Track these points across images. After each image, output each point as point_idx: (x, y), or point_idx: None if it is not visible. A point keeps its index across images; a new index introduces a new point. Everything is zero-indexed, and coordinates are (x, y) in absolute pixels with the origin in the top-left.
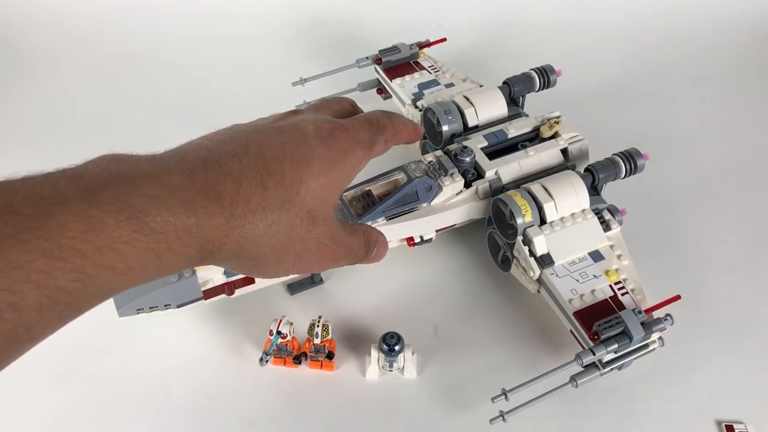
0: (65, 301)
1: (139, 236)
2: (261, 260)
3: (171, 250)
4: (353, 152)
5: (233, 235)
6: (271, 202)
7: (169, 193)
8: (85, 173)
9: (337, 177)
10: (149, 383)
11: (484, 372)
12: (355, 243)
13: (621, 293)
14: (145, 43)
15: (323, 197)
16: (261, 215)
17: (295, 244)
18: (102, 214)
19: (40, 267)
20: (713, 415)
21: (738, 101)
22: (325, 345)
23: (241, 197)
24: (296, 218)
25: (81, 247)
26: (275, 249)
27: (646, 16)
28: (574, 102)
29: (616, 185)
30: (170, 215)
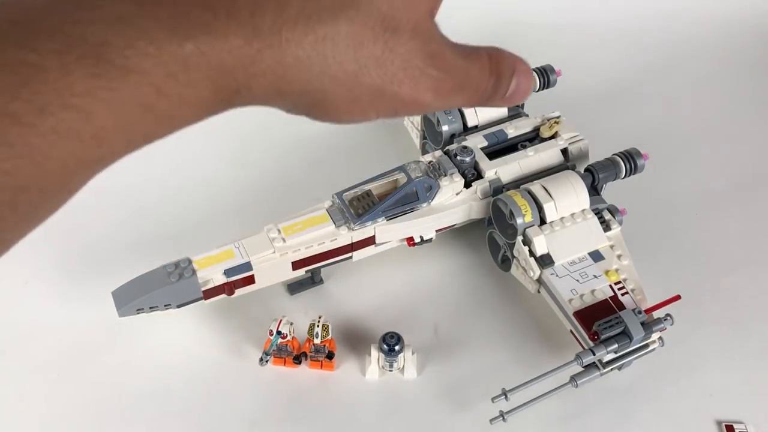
0: (11, 186)
1: (104, 82)
2: (321, 97)
3: (164, 94)
4: None
5: (265, 62)
6: (320, 5)
7: (144, 10)
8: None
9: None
10: (149, 383)
11: (484, 372)
12: (476, 69)
13: (621, 293)
14: None
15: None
16: (305, 27)
17: (370, 71)
18: (39, 57)
19: None
20: (713, 415)
21: (738, 101)
22: (325, 345)
23: (268, 3)
24: (365, 29)
25: (11, 109)
26: (339, 80)
27: (646, 17)
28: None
29: (616, 185)
30: (149, 44)
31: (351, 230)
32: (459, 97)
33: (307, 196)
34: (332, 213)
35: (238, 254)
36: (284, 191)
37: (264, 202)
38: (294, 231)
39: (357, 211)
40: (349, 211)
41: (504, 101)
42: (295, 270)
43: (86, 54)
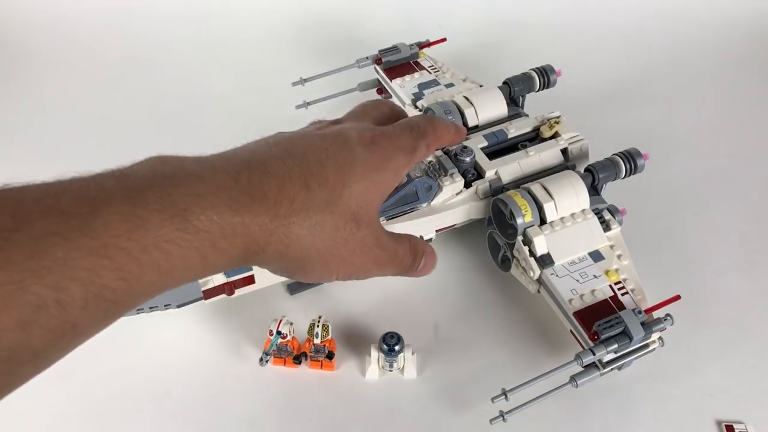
0: (110, 299)
1: (184, 235)
2: (306, 262)
3: (216, 249)
4: (395, 158)
5: (278, 235)
6: (315, 203)
7: (214, 191)
8: (130, 174)
9: (381, 181)
10: (149, 383)
11: (484, 372)
12: (401, 250)
13: (621, 293)
14: (144, 45)
15: (367, 200)
16: (305, 215)
17: (340, 247)
18: (146, 213)
19: (85, 264)
20: (713, 415)
21: (738, 101)
22: (325, 345)
23: (285, 197)
24: (340, 220)
25: (126, 245)
26: (320, 251)
27: (647, 17)
28: (574, 102)
29: (616, 185)
30: (214, 213)
31: None
32: (389, 268)
33: None
34: None
35: None
36: None
37: None
38: None
39: None
40: None
41: (416, 273)
42: None
43: (175, 215)
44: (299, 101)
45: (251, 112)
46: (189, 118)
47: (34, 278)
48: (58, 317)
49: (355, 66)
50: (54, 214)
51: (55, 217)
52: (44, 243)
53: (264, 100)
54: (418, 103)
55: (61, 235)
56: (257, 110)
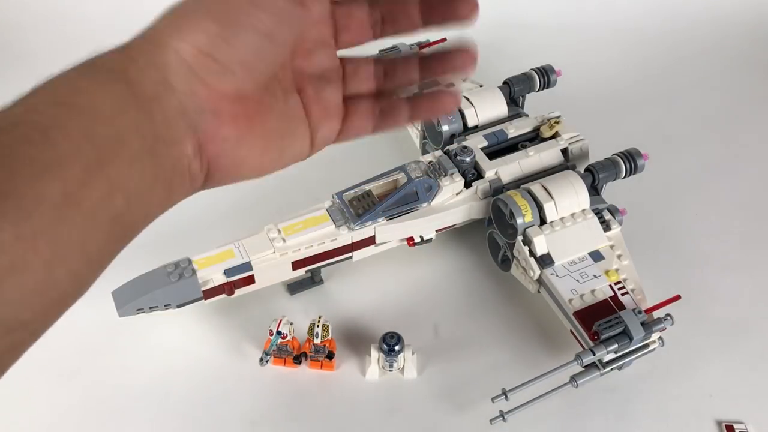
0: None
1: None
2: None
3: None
4: None
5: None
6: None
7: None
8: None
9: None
10: (149, 383)
11: (484, 372)
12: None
13: (621, 293)
14: None
15: None
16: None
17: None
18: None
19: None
20: (713, 415)
21: (738, 101)
22: (325, 345)
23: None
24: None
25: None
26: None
27: (647, 17)
28: (574, 102)
29: (616, 185)
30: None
31: (351, 230)
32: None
33: (307, 196)
34: (332, 213)
35: (238, 254)
36: (284, 191)
37: (264, 202)
38: (294, 231)
39: (357, 211)
40: (349, 211)
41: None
42: (295, 270)
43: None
44: None
45: None
46: None
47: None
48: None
49: None
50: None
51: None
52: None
53: None
54: None
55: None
56: None
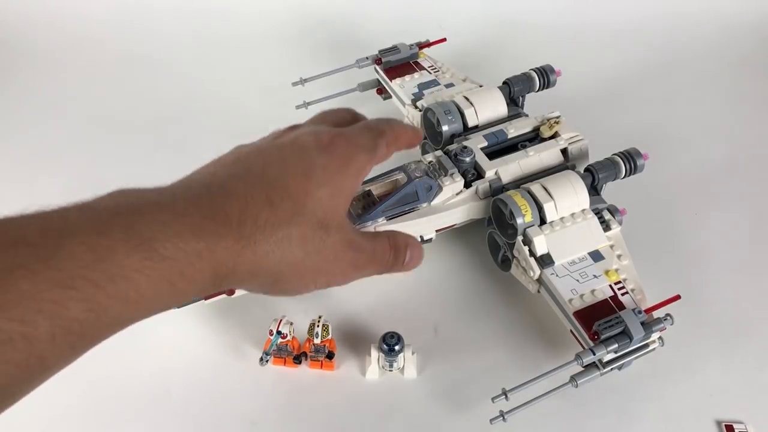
0: (78, 332)
1: (150, 263)
2: (279, 277)
3: (183, 276)
4: (356, 158)
5: (245, 255)
6: (279, 216)
7: (177, 219)
8: (94, 205)
9: (343, 183)
10: (149, 383)
11: (484, 372)
12: (379, 248)
13: (621, 293)
14: (144, 43)
15: (332, 205)
16: (271, 231)
17: (312, 257)
18: (112, 242)
19: (52, 297)
20: (713, 415)
21: (738, 101)
22: (325, 345)
23: (248, 216)
24: (307, 230)
25: (93, 276)
26: (291, 264)
27: (647, 17)
28: (574, 102)
29: (616, 185)
30: (179, 241)
31: None
32: (370, 268)
33: None
34: None
35: None
36: None
37: None
38: None
39: (357, 211)
40: (348, 211)
41: (404, 267)
42: None
43: (141, 244)
44: (299, 101)
45: (251, 112)
46: (189, 118)
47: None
48: (24, 351)
49: (355, 66)
50: (19, 246)
51: (20, 249)
52: (9, 276)
53: (264, 100)
54: (418, 103)
55: (26, 268)
56: (257, 110)
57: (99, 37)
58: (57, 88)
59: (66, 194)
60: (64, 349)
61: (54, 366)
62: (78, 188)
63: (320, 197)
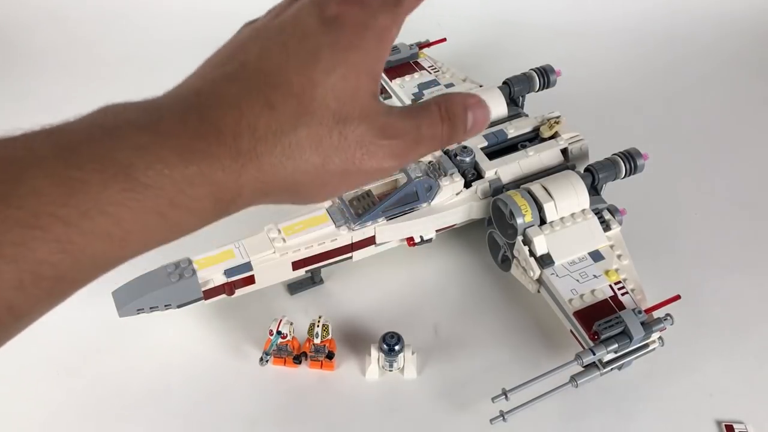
0: (52, 275)
1: (132, 194)
2: (298, 189)
3: (175, 205)
4: (374, 22)
5: (248, 173)
6: (281, 121)
7: (160, 141)
8: (66, 129)
9: (362, 60)
10: (149, 382)
11: (484, 372)
12: (426, 123)
13: (621, 293)
14: (144, 44)
15: (349, 91)
16: (274, 140)
17: (333, 159)
18: (82, 173)
19: (13, 238)
20: (713, 415)
21: (738, 101)
22: (325, 345)
23: (244, 127)
24: (320, 129)
25: (61, 212)
26: (308, 172)
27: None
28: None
29: (616, 185)
30: (164, 167)
31: (351, 230)
32: (416, 152)
33: None
34: (332, 213)
35: (238, 254)
36: None
37: None
38: (294, 231)
39: (357, 211)
40: (349, 211)
41: (467, 135)
42: (295, 270)
43: (118, 173)
44: None
45: None
46: None
47: None
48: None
49: None
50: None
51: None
52: None
53: None
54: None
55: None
56: None
57: (99, 37)
58: (56, 88)
59: None
60: (38, 295)
61: (28, 313)
62: None
63: (332, 85)
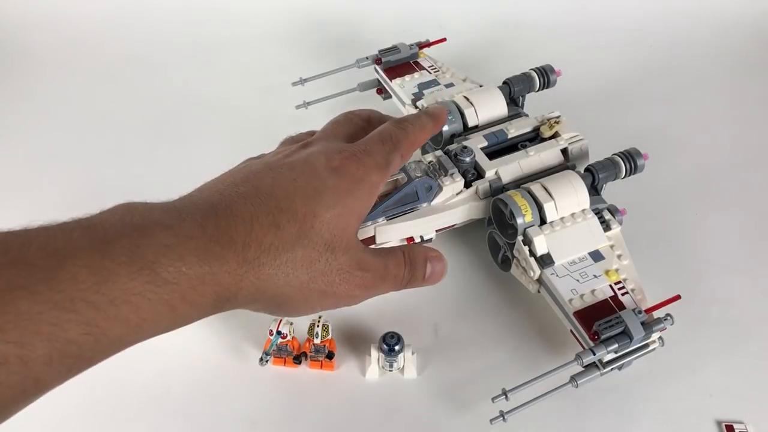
0: (76, 354)
1: (152, 287)
2: (282, 300)
3: (185, 300)
4: (368, 178)
5: (248, 279)
6: (285, 239)
7: (182, 242)
8: (98, 224)
9: (354, 205)
10: (149, 382)
11: (484, 372)
12: (392, 264)
13: (621, 293)
14: (144, 44)
15: (341, 227)
16: (275, 254)
17: (317, 280)
18: (115, 265)
19: (51, 319)
20: (713, 415)
21: (738, 101)
22: (325, 345)
23: (253, 239)
24: (313, 252)
25: (93, 299)
26: (296, 287)
27: (647, 17)
28: (574, 102)
29: (616, 185)
30: (183, 265)
31: None
32: (382, 287)
33: None
34: None
35: None
36: None
37: None
38: None
39: None
40: None
41: (425, 282)
42: None
43: (144, 267)
44: (299, 101)
45: (251, 112)
46: (189, 118)
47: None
48: (19, 373)
49: (355, 66)
50: (20, 266)
51: (21, 270)
52: (8, 296)
53: (264, 100)
54: (418, 103)
55: (26, 288)
56: (257, 110)
57: (99, 37)
58: (56, 88)
59: (65, 194)
60: (60, 371)
61: (49, 386)
62: (78, 189)
63: (328, 219)
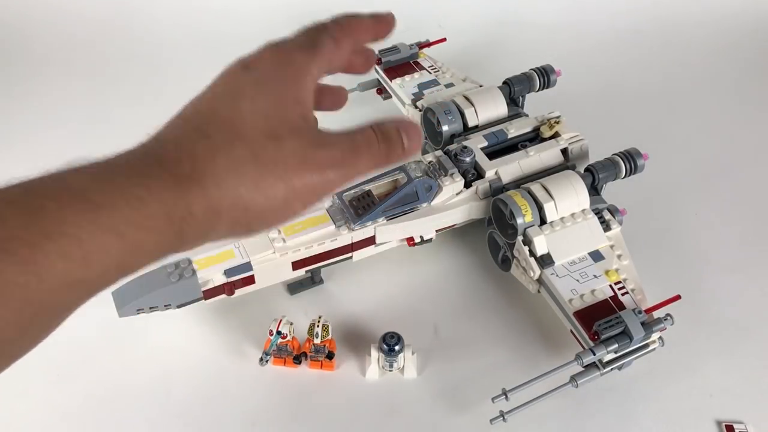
0: (20, 297)
1: (88, 215)
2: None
3: (131, 223)
4: (289, 60)
5: (194, 193)
6: (217, 145)
7: (111, 168)
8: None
9: (283, 89)
10: (149, 383)
11: (484, 372)
12: (360, 137)
13: (621, 293)
14: (144, 44)
15: (277, 114)
16: (212, 161)
17: (271, 169)
18: (43, 200)
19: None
20: (713, 415)
21: (738, 101)
22: (325, 345)
23: (183, 153)
24: (254, 145)
25: (27, 236)
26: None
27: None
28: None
29: (616, 185)
30: (113, 187)
31: (351, 230)
32: (358, 162)
33: None
34: (332, 213)
35: (238, 254)
36: None
37: None
38: (294, 231)
39: (357, 211)
40: (349, 211)
41: (405, 154)
42: (295, 270)
43: (74, 196)
44: None
45: None
46: None
47: None
48: None
49: None
50: None
51: None
52: None
53: None
54: (418, 103)
55: None
56: None
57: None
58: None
59: None
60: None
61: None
62: None
63: (258, 110)
